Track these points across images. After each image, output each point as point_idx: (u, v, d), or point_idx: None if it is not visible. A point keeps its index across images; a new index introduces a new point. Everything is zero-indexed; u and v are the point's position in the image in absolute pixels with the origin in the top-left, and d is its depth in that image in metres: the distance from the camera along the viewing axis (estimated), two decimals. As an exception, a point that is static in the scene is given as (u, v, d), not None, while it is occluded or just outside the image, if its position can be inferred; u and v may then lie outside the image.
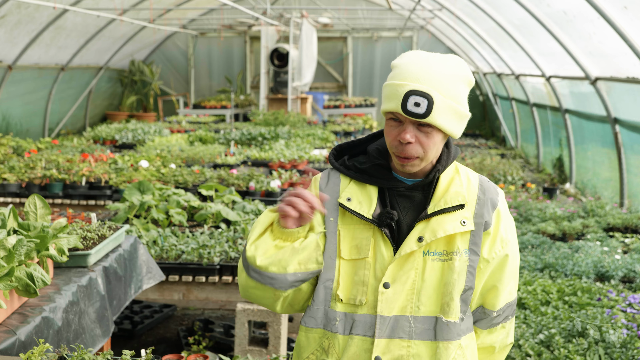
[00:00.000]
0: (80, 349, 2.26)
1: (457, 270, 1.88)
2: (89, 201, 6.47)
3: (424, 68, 1.80)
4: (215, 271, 4.17)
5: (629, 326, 3.93)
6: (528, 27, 9.61)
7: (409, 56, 1.86)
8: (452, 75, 1.82)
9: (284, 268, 1.85)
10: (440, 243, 1.89)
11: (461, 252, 1.89)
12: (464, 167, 1.99)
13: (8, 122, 11.95)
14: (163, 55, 18.23)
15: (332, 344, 1.93)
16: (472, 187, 1.93)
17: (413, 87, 1.78)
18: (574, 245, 5.98)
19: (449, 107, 1.80)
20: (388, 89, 1.84)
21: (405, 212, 1.92)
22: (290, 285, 1.87)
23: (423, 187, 1.93)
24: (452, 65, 1.84)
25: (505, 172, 9.60)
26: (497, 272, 1.95)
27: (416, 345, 1.88)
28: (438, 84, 1.79)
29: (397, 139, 1.83)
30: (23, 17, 10.27)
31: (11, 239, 2.47)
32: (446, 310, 1.88)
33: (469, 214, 1.89)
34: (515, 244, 1.99)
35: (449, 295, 1.88)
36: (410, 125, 1.81)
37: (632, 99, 7.40)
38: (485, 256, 1.91)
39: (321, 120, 14.94)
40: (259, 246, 1.88)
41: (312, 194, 1.84)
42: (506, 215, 1.96)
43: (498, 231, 1.92)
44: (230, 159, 8.64)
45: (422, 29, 17.51)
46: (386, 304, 1.87)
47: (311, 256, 1.87)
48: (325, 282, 1.93)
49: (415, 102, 1.77)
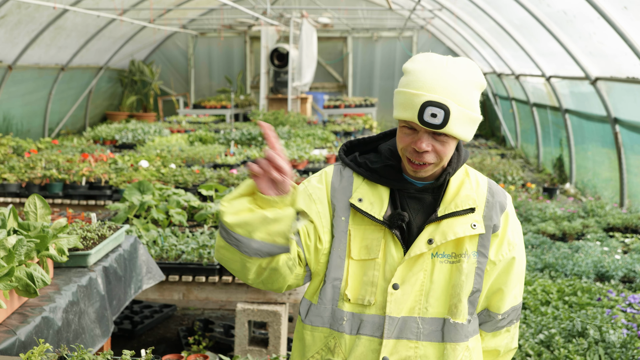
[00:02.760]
0: (80, 349, 2.26)
1: (465, 272, 1.89)
2: (89, 201, 6.47)
3: (439, 76, 1.78)
4: (215, 271, 4.17)
5: (629, 326, 3.93)
6: (528, 27, 9.61)
7: (422, 61, 1.83)
8: (466, 82, 1.81)
9: (249, 233, 1.76)
10: (449, 245, 1.90)
11: (469, 254, 1.89)
12: (473, 170, 2.00)
13: (9, 122, 11.96)
14: (163, 55, 18.23)
15: (338, 343, 1.93)
16: (481, 190, 1.94)
17: (429, 97, 1.76)
18: (574, 245, 5.98)
19: (465, 115, 1.80)
20: (402, 96, 1.82)
21: (415, 214, 1.93)
22: (255, 253, 1.78)
23: (433, 189, 1.93)
24: (466, 70, 1.82)
25: (505, 172, 9.60)
26: (504, 274, 1.95)
27: (424, 347, 1.89)
28: (454, 94, 1.77)
29: (411, 146, 1.83)
30: (23, 17, 10.27)
31: (11, 239, 2.47)
32: (454, 311, 1.89)
33: (479, 217, 1.90)
34: (522, 248, 2.00)
35: (457, 297, 1.89)
36: (425, 134, 1.81)
37: (632, 99, 7.40)
38: (492, 258, 1.92)
39: (321, 120, 14.94)
40: (233, 204, 1.79)
41: (282, 159, 1.74)
42: (514, 219, 1.97)
43: (506, 234, 1.94)
44: (230, 159, 8.64)
45: (422, 29, 17.51)
46: (395, 305, 1.88)
47: (281, 229, 1.77)
48: (333, 281, 1.93)
49: (432, 114, 1.76)
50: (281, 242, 1.79)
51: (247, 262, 1.82)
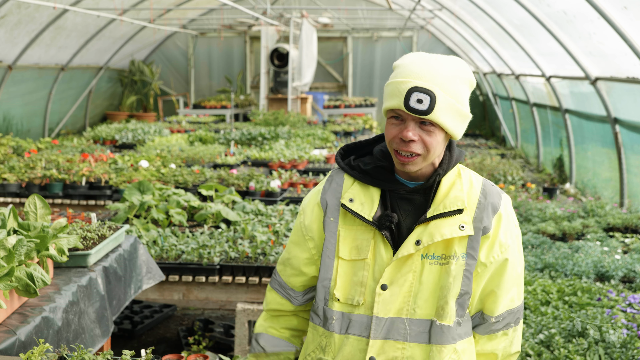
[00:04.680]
0: (80, 349, 2.26)
1: (453, 274, 1.87)
2: (89, 201, 6.47)
3: (426, 66, 1.81)
4: (215, 271, 4.17)
5: (629, 326, 3.93)
6: (528, 27, 9.61)
7: (411, 57, 1.87)
8: (454, 76, 1.82)
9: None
10: (439, 247, 1.89)
11: (458, 256, 1.88)
12: (467, 171, 1.99)
13: (9, 122, 11.96)
14: (163, 55, 18.23)
15: (329, 342, 1.94)
16: (473, 191, 1.92)
17: (415, 83, 1.78)
18: (574, 245, 5.98)
19: (451, 105, 1.81)
20: (390, 87, 1.84)
21: (405, 215, 1.92)
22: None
23: (424, 190, 1.93)
24: (454, 66, 1.84)
25: (505, 172, 9.60)
26: (496, 277, 1.93)
27: (411, 348, 1.88)
28: (440, 82, 1.79)
29: (398, 136, 1.83)
30: (23, 17, 10.27)
31: (11, 239, 2.47)
32: (440, 313, 1.87)
33: (468, 218, 1.88)
34: (518, 250, 1.97)
35: (443, 299, 1.87)
36: (412, 122, 1.81)
37: (632, 99, 7.40)
38: (482, 260, 1.90)
39: (321, 120, 14.94)
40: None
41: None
42: (508, 221, 1.94)
43: (497, 236, 1.91)
44: (230, 159, 8.64)
45: (422, 29, 17.51)
46: (383, 306, 1.88)
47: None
48: (323, 281, 1.95)
49: (418, 99, 1.77)
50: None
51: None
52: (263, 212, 5.54)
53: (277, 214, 5.52)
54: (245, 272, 4.17)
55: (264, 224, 5.09)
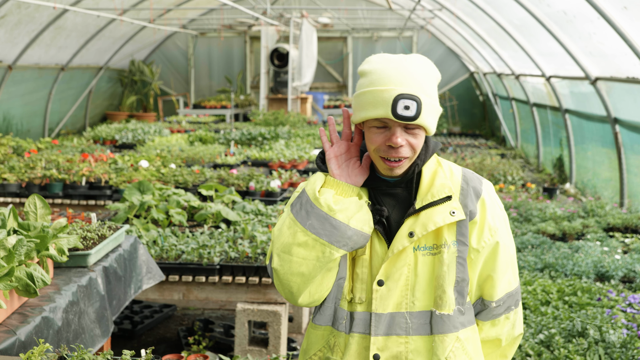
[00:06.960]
0: (80, 349, 2.26)
1: (446, 263, 1.89)
2: (89, 201, 6.47)
3: (404, 71, 1.82)
4: (215, 271, 4.17)
5: (629, 326, 3.93)
6: (528, 27, 9.61)
7: (379, 61, 1.86)
8: (427, 75, 1.85)
9: (348, 218, 1.83)
10: (430, 237, 1.91)
11: (449, 244, 1.90)
12: (446, 161, 2.01)
13: (9, 122, 11.96)
14: (163, 55, 18.23)
15: (337, 342, 1.96)
16: (455, 178, 1.95)
17: (400, 90, 1.79)
18: (574, 245, 5.98)
19: (432, 105, 1.84)
20: (369, 96, 1.83)
21: (391, 210, 1.95)
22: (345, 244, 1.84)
23: (405, 183, 1.95)
24: (424, 65, 1.87)
25: (505, 172, 9.60)
26: (490, 261, 1.95)
27: (414, 341, 1.90)
28: (421, 85, 1.81)
29: (385, 144, 1.84)
30: (23, 17, 10.27)
31: (11, 239, 2.47)
32: (439, 303, 1.90)
33: (457, 204, 1.91)
34: (507, 232, 1.99)
35: (440, 289, 1.89)
36: (398, 128, 1.83)
37: (632, 99, 7.40)
38: (474, 246, 1.93)
39: (321, 120, 14.95)
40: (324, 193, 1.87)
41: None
42: (493, 204, 1.96)
43: (485, 219, 1.93)
44: (230, 159, 8.64)
45: (422, 29, 17.51)
46: (380, 302, 1.90)
47: (367, 217, 1.86)
48: (338, 279, 1.96)
49: (405, 106, 1.78)
50: (367, 230, 1.87)
51: (327, 257, 1.85)
52: (263, 212, 5.55)
53: (277, 214, 5.52)
54: (245, 272, 4.18)
55: (264, 224, 5.10)
